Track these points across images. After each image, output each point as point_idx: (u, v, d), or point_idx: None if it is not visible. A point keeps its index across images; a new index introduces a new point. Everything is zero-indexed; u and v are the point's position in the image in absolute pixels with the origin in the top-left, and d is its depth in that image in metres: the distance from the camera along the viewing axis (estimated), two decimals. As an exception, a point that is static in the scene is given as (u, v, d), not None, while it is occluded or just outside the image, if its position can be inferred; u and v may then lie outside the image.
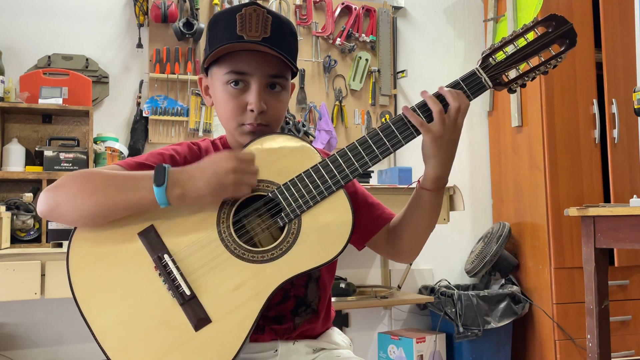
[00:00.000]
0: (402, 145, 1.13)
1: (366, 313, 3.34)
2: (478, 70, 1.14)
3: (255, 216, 1.14)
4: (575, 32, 1.13)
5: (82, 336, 2.81)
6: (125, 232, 1.10)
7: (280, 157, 1.13)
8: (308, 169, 1.11)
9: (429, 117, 1.11)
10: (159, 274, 1.08)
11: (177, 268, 1.07)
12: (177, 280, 1.07)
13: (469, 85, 1.14)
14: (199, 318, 1.06)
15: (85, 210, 1.06)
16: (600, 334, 2.16)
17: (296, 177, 1.10)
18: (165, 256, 1.08)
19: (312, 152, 1.13)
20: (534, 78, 1.15)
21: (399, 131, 1.13)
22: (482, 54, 1.15)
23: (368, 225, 1.29)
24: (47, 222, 2.57)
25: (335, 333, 1.31)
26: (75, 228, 1.10)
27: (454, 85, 1.14)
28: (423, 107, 1.12)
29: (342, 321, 3.27)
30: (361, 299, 3.01)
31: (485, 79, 1.13)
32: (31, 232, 2.58)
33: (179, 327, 1.06)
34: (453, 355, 3.18)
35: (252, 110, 1.16)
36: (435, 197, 1.18)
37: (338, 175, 1.10)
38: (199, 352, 1.06)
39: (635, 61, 2.81)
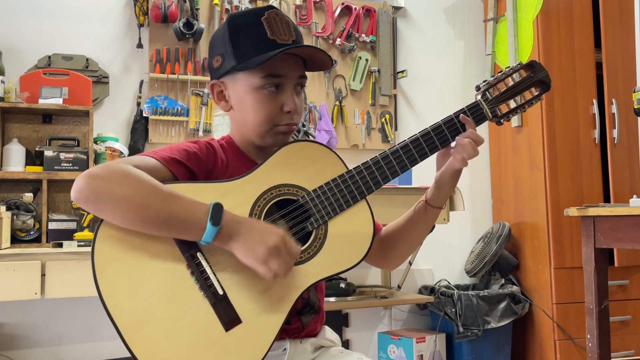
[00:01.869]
0: (418, 163, 1.20)
1: (366, 313, 3.34)
2: (481, 102, 1.22)
3: (282, 220, 1.16)
4: (550, 78, 1.27)
5: (82, 336, 2.81)
6: None
7: (308, 164, 1.17)
8: (336, 178, 1.16)
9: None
10: (191, 273, 1.07)
11: (210, 267, 1.07)
12: (210, 279, 1.06)
13: (474, 115, 1.22)
14: (230, 318, 1.06)
15: (128, 218, 1.03)
16: (600, 334, 2.16)
17: (325, 184, 1.15)
18: (198, 254, 1.07)
19: (337, 160, 1.19)
20: (516, 114, 1.28)
21: (416, 149, 1.19)
22: (477, 88, 1.25)
23: None
24: (47, 222, 2.58)
25: (328, 331, 1.34)
26: (99, 223, 1.07)
27: (462, 113, 1.21)
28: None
29: (342, 321, 3.27)
30: (361, 299, 3.01)
31: (486, 110, 1.22)
32: (31, 232, 2.58)
33: (210, 327, 1.05)
34: (453, 355, 3.18)
35: (288, 112, 1.19)
36: (439, 211, 1.27)
37: (363, 187, 1.17)
38: (229, 353, 1.05)
39: (635, 61, 2.81)
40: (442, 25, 3.69)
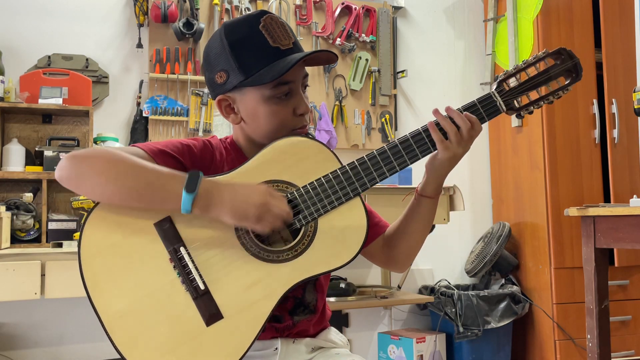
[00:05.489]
0: (419, 159, 1.16)
1: (366, 313, 3.34)
2: (494, 94, 1.17)
3: None
4: (581, 67, 1.18)
5: (82, 336, 2.81)
6: (141, 221, 1.09)
7: (301, 160, 1.14)
8: (328, 174, 1.13)
9: (445, 135, 1.15)
10: (174, 267, 1.08)
11: (193, 261, 1.07)
12: (192, 273, 1.07)
13: (485, 107, 1.16)
14: (211, 313, 1.06)
15: (107, 191, 1.06)
16: (600, 334, 2.15)
17: (316, 181, 1.12)
18: (182, 249, 1.07)
19: (332, 157, 1.15)
20: (540, 106, 1.20)
21: (417, 145, 1.15)
22: (496, 79, 1.18)
23: None
24: (47, 222, 2.58)
25: (333, 332, 1.32)
26: (87, 215, 1.10)
27: (471, 106, 1.16)
28: (438, 126, 1.15)
29: (342, 321, 3.27)
30: (361, 299, 3.01)
31: (500, 103, 1.17)
32: (31, 232, 2.58)
33: (191, 322, 1.06)
34: (453, 355, 3.18)
35: (301, 115, 1.20)
36: (434, 203, 1.25)
37: (356, 183, 1.13)
38: (208, 347, 1.06)
39: (635, 61, 2.81)
40: (442, 25, 3.69)
